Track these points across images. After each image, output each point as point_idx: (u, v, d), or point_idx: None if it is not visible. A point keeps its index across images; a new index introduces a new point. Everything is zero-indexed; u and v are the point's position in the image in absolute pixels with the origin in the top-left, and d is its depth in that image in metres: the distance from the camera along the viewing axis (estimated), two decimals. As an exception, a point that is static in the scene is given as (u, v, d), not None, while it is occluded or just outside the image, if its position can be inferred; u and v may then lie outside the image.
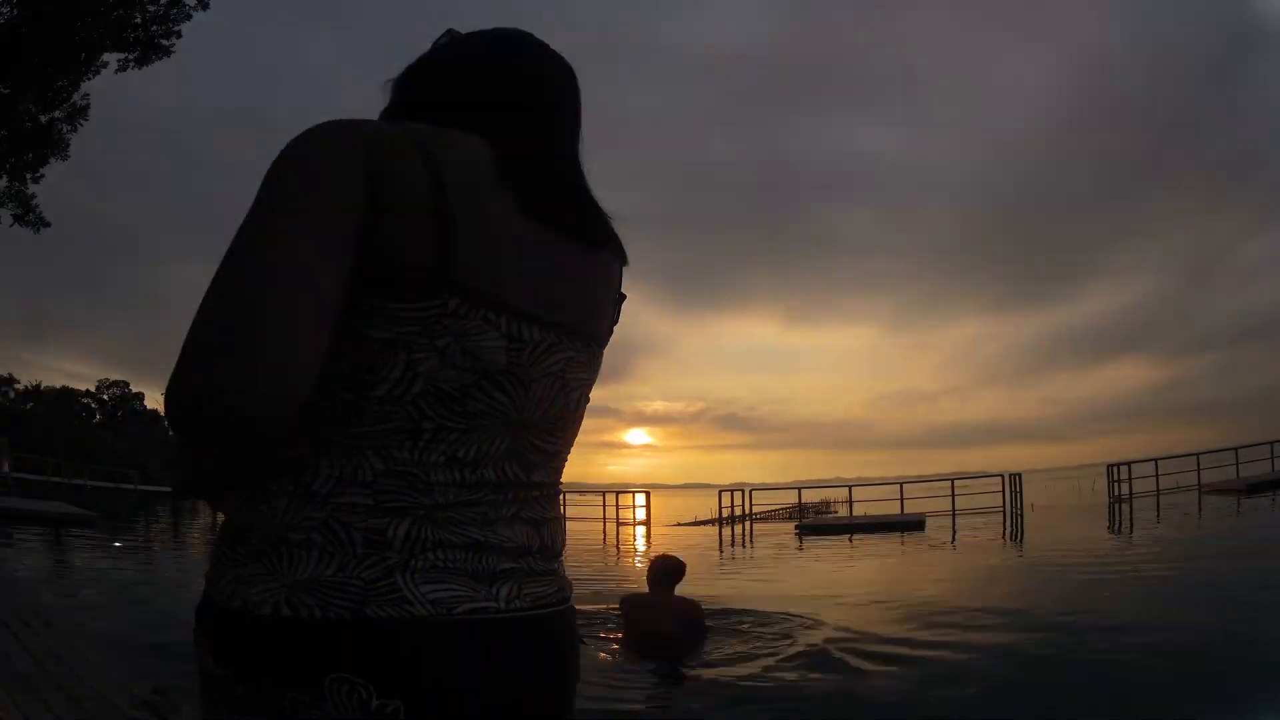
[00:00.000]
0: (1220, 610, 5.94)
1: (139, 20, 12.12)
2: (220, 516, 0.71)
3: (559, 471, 0.76)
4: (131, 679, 3.67)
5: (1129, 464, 18.53)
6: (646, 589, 5.44)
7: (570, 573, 0.76)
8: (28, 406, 41.45)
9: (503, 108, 0.74)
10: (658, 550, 13.18)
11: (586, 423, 0.79)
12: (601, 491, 22.87)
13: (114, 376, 55.97)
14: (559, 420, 0.73)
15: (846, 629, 5.85)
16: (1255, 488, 16.46)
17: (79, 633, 5.01)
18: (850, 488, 21.52)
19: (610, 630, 5.65)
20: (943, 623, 6.06)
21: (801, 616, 6.25)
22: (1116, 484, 17.76)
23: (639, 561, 13.07)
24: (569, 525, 0.81)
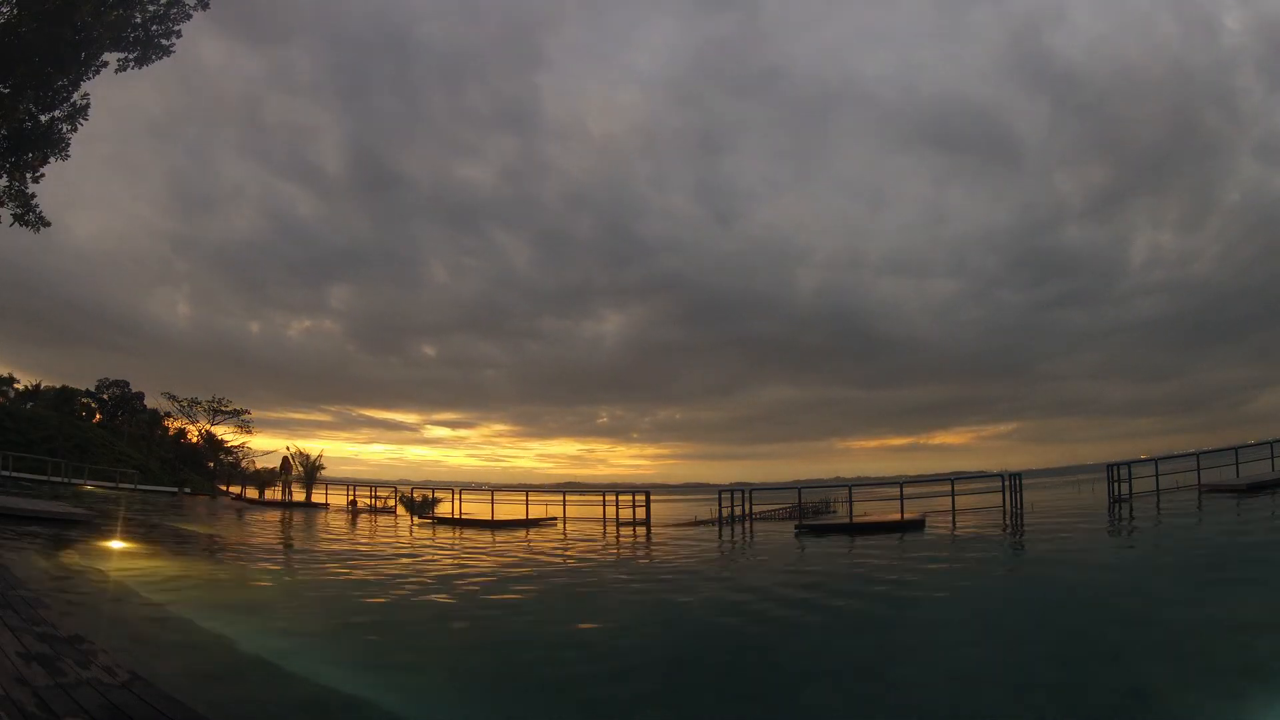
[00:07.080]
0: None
1: (139, 20, 12.13)
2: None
3: None
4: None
5: (1129, 464, 18.50)
6: None
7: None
8: (28, 406, 41.38)
9: None
10: (657, 549, 13.06)
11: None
12: (601, 491, 22.96)
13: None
14: None
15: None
16: (1255, 488, 16.45)
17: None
18: (850, 487, 21.49)
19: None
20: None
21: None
22: (1116, 484, 17.72)
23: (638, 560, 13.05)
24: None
